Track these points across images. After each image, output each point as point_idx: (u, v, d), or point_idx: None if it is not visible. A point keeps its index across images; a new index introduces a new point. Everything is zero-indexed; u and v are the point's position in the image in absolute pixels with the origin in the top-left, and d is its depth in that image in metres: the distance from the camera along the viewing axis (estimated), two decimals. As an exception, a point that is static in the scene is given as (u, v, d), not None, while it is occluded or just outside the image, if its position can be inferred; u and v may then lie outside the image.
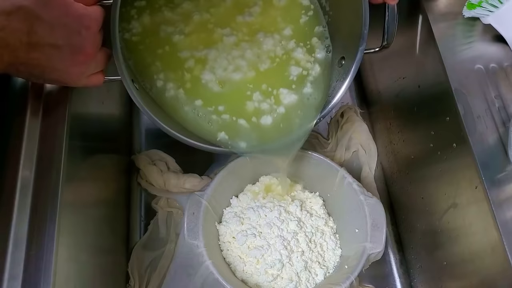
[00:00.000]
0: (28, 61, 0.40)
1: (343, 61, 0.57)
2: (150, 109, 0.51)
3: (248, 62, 0.58)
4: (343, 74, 0.56)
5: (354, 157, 0.79)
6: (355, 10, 0.52)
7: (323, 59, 0.60)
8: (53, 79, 0.44)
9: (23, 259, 0.41)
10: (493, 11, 0.55)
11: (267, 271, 0.61)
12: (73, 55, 0.42)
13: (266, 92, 0.58)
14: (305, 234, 0.64)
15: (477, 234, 0.50)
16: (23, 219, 0.43)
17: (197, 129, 0.55)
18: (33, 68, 0.41)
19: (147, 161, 0.75)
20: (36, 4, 0.39)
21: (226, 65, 0.57)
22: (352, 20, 0.54)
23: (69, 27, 0.41)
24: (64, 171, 0.46)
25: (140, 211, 0.74)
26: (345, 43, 0.57)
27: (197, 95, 0.56)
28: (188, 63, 0.57)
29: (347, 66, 0.55)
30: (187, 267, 0.62)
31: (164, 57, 0.57)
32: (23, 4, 0.38)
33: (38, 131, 0.47)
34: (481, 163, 0.48)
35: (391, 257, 0.72)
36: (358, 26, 0.52)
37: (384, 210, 0.63)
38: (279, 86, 0.58)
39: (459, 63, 0.54)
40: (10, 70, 0.40)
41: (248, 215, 0.65)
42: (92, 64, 0.45)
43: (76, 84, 0.46)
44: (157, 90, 0.56)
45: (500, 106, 0.51)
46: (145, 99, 0.53)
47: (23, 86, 0.49)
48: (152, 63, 0.57)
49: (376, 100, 0.81)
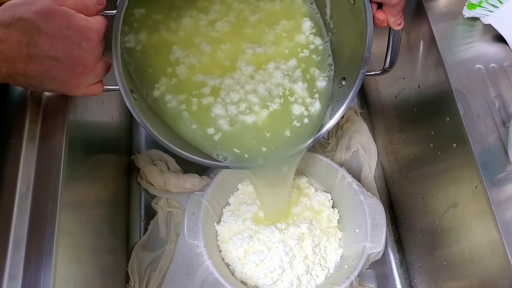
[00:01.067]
0: (26, 72, 0.40)
1: (343, 82, 0.56)
2: (149, 120, 0.50)
3: (260, 99, 0.57)
4: (342, 95, 0.55)
5: (354, 157, 0.79)
6: (359, 32, 0.51)
7: (325, 91, 0.58)
8: (51, 89, 0.44)
9: (23, 259, 0.41)
10: (493, 11, 0.55)
11: (266, 275, 0.61)
12: (72, 67, 0.42)
13: (271, 129, 0.57)
14: (313, 239, 0.63)
15: (477, 234, 0.50)
16: (23, 219, 0.43)
17: (195, 142, 0.55)
18: (31, 79, 0.41)
19: (147, 161, 0.75)
20: (37, 16, 0.39)
21: (238, 101, 0.56)
22: (355, 42, 0.53)
23: (70, 39, 0.41)
24: (64, 171, 0.46)
25: (140, 211, 0.74)
26: (347, 64, 0.57)
27: (204, 123, 0.55)
28: (199, 88, 0.56)
29: (346, 87, 0.55)
30: (187, 267, 0.62)
31: (171, 75, 0.56)
32: (24, 16, 0.38)
33: (38, 131, 0.47)
34: (481, 163, 0.48)
35: (391, 257, 0.72)
36: (361, 49, 0.51)
37: (384, 210, 0.63)
38: (283, 127, 0.56)
39: (459, 63, 0.54)
40: (8, 80, 0.40)
41: (247, 215, 0.65)
42: (91, 75, 0.45)
43: (75, 94, 0.46)
44: (157, 99, 0.55)
45: (500, 106, 0.51)
46: (143, 108, 0.52)
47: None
48: (157, 77, 0.56)
49: (376, 100, 0.81)
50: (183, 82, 0.56)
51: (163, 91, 0.55)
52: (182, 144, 0.53)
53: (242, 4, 0.61)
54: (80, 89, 0.45)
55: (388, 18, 0.50)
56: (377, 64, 0.57)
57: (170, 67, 0.56)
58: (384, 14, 0.49)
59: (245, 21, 0.60)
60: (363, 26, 0.50)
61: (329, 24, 0.59)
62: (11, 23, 0.38)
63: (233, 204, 0.68)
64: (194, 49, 0.57)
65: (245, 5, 0.61)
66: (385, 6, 0.49)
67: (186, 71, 0.56)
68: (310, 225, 0.64)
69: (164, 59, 0.56)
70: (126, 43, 0.56)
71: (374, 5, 0.49)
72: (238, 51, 0.58)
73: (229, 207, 0.68)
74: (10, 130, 0.47)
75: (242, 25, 0.60)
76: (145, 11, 0.57)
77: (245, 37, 0.59)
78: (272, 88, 0.57)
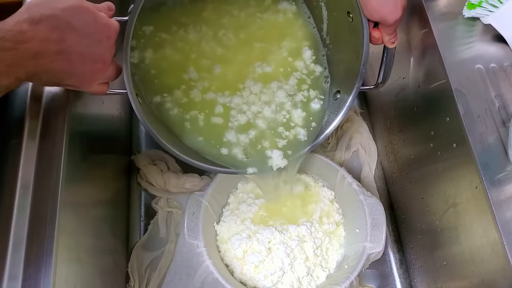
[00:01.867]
0: (51, 69, 0.40)
1: (338, 95, 0.58)
2: (153, 125, 0.51)
3: (268, 125, 0.58)
4: (337, 108, 0.57)
5: (354, 157, 0.79)
6: (355, 48, 0.54)
7: (320, 113, 0.60)
8: (67, 84, 0.44)
9: (23, 259, 0.41)
10: (493, 11, 0.55)
11: (266, 277, 0.61)
12: (93, 63, 0.43)
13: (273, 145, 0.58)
14: (314, 241, 0.63)
15: (477, 234, 0.50)
16: (23, 220, 0.43)
17: (201, 151, 0.56)
18: (54, 76, 0.41)
19: (147, 161, 0.75)
20: (65, 12, 0.39)
21: (248, 130, 0.57)
22: (351, 57, 0.55)
23: (94, 36, 0.42)
24: (64, 171, 0.46)
25: (140, 211, 0.74)
26: (342, 77, 0.59)
27: (214, 142, 0.56)
28: (208, 106, 0.57)
29: (341, 100, 0.57)
30: (187, 267, 0.62)
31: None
32: (53, 13, 0.39)
33: (38, 131, 0.47)
34: (481, 163, 0.48)
35: (391, 257, 0.72)
36: (357, 65, 0.54)
37: (384, 210, 0.63)
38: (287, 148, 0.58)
39: (459, 63, 0.54)
40: (31, 79, 0.40)
41: (246, 215, 0.65)
42: (105, 73, 0.46)
43: (86, 89, 0.46)
44: (161, 107, 0.56)
45: (500, 106, 0.51)
46: (146, 112, 0.53)
47: (23, 87, 0.49)
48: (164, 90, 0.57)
49: (376, 100, 0.81)
50: (192, 100, 0.57)
51: (170, 106, 0.56)
52: (183, 149, 0.54)
53: (249, 17, 0.63)
54: (92, 85, 0.46)
55: (383, 36, 0.53)
56: (370, 77, 0.59)
57: (180, 83, 0.58)
58: (380, 33, 0.52)
59: (250, 39, 0.62)
60: (360, 43, 0.53)
61: (326, 39, 0.61)
62: (40, 20, 0.38)
63: (233, 203, 0.68)
64: (202, 66, 0.59)
65: (251, 19, 0.63)
66: (381, 25, 0.52)
67: (197, 92, 0.58)
68: (311, 226, 0.63)
69: (173, 76, 0.58)
70: (132, 57, 0.57)
71: (371, 23, 0.52)
72: (245, 71, 0.60)
73: (229, 207, 0.68)
74: (10, 130, 0.47)
75: (247, 43, 0.61)
76: (153, 28, 0.59)
77: (247, 55, 0.61)
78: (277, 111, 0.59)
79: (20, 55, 0.37)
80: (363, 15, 0.51)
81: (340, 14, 0.56)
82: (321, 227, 0.64)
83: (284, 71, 0.60)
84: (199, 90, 0.58)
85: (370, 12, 0.51)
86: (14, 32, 0.37)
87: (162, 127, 0.55)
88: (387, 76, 0.57)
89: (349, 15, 0.54)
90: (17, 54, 0.37)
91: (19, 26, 0.37)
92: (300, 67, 0.61)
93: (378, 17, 0.51)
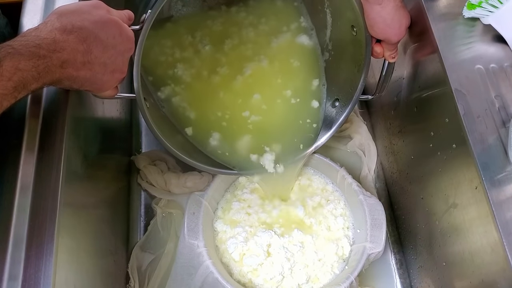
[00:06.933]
0: (74, 77, 0.41)
1: (336, 103, 0.61)
2: (158, 127, 0.53)
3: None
4: (335, 115, 0.59)
5: (353, 157, 0.78)
6: (356, 60, 0.56)
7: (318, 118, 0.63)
8: (86, 89, 0.45)
9: (23, 259, 0.41)
10: (493, 11, 0.55)
11: (266, 281, 0.60)
12: (113, 73, 0.45)
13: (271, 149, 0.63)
14: (315, 247, 0.62)
15: (477, 234, 0.50)
16: (23, 220, 0.43)
17: (210, 154, 0.59)
18: (75, 82, 0.42)
19: (147, 161, 0.75)
20: (95, 25, 0.41)
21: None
22: (352, 69, 0.57)
23: (117, 48, 0.43)
24: (64, 171, 0.46)
25: (140, 211, 0.74)
26: (342, 86, 0.61)
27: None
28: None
29: (339, 108, 0.59)
30: (188, 267, 0.62)
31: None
32: (84, 25, 0.40)
33: (38, 131, 0.47)
34: (481, 163, 0.48)
35: (391, 257, 0.72)
36: (357, 77, 0.56)
37: (383, 210, 0.63)
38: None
39: (459, 63, 0.54)
40: (55, 84, 0.41)
41: (242, 215, 0.65)
42: (121, 81, 0.47)
43: (99, 93, 0.47)
44: (171, 105, 0.59)
45: (500, 106, 0.51)
46: (154, 113, 0.54)
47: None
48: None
49: (376, 100, 0.80)
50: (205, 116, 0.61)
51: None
52: (189, 152, 0.55)
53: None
54: (107, 90, 0.47)
55: (385, 51, 0.55)
56: (368, 82, 0.61)
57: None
58: (382, 48, 0.55)
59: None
60: (362, 57, 0.55)
61: (328, 45, 0.61)
62: (72, 31, 0.39)
63: (230, 203, 0.68)
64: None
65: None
66: (384, 42, 0.54)
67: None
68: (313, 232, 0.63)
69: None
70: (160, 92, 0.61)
71: (374, 38, 0.54)
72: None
73: (227, 207, 0.68)
74: (10, 130, 0.47)
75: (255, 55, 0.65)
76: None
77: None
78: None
79: (52, 63, 0.38)
80: (368, 33, 0.52)
81: (344, 25, 0.57)
82: (323, 233, 0.64)
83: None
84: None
85: (376, 32, 0.52)
86: (48, 40, 0.38)
87: (168, 130, 0.56)
88: (384, 89, 0.59)
89: (353, 29, 0.55)
90: (50, 62, 0.38)
91: (52, 34, 0.38)
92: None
93: (383, 37, 0.53)
